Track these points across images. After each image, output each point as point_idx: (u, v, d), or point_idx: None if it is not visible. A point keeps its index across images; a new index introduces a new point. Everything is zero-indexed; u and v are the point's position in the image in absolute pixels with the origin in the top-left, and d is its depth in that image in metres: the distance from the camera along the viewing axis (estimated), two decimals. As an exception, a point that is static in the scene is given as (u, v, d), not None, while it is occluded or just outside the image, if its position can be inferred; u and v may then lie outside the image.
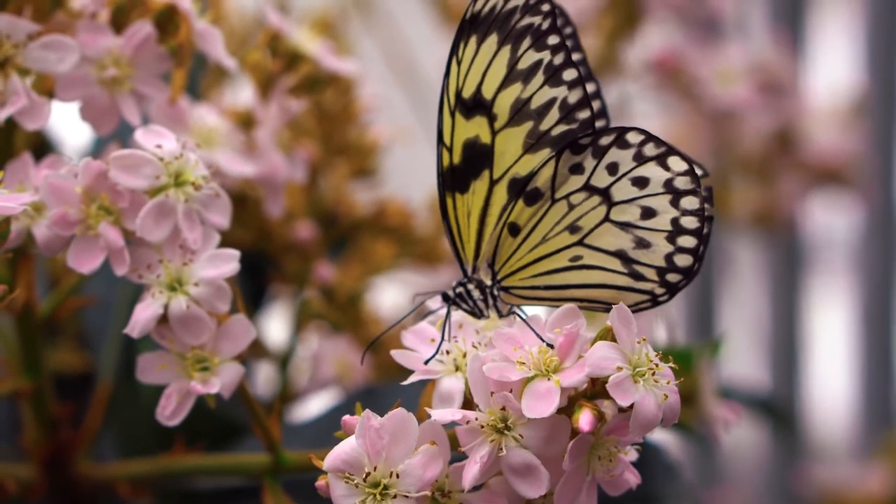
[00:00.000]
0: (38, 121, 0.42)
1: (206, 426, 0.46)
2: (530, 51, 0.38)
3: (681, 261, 0.39)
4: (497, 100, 0.39)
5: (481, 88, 0.39)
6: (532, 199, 0.39)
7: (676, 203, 0.38)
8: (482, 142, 0.38)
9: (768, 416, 0.65)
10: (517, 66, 0.39)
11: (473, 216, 0.39)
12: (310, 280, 0.56)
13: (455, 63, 0.39)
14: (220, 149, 0.47)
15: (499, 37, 0.39)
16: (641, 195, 0.39)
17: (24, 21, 0.42)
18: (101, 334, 0.52)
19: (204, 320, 0.40)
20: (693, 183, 0.38)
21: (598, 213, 0.39)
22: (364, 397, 0.43)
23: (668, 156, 0.38)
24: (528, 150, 0.38)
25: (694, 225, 0.39)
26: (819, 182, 0.82)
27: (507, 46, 0.39)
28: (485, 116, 0.39)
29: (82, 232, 0.41)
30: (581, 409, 0.37)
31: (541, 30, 0.38)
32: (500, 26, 0.38)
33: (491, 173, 0.39)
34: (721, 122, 0.79)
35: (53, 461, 0.47)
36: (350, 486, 0.37)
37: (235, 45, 0.61)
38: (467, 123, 0.39)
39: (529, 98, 0.39)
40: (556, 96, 0.38)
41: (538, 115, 0.39)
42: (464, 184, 0.39)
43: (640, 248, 0.39)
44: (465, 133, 0.39)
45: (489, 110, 0.39)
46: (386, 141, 0.59)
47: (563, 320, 0.38)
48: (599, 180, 0.39)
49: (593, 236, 0.39)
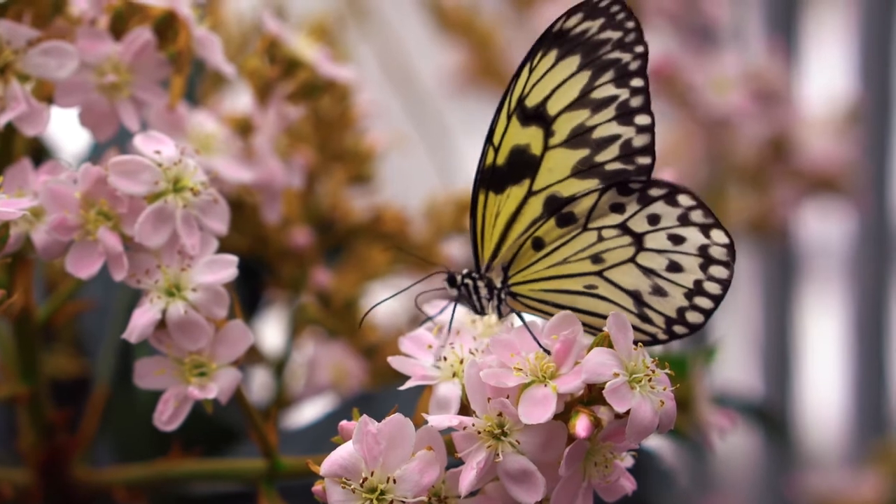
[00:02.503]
0: (38, 126, 0.42)
1: (203, 431, 0.46)
2: (610, 84, 0.38)
3: (692, 317, 0.39)
4: (559, 118, 0.39)
5: (546, 102, 0.39)
6: (565, 221, 0.39)
7: (706, 268, 0.39)
8: (531, 152, 0.38)
9: (761, 423, 0.65)
10: (591, 95, 0.39)
11: (501, 218, 0.40)
12: (306, 286, 0.56)
13: (527, 69, 0.39)
14: (219, 155, 0.47)
15: (581, 60, 0.39)
16: (674, 250, 0.39)
17: (24, 27, 0.42)
18: (99, 339, 0.52)
19: (202, 325, 0.40)
20: (728, 256, 0.39)
21: (625, 252, 0.39)
22: (360, 403, 0.43)
23: (713, 228, 0.39)
24: (575, 174, 0.38)
25: (716, 291, 0.39)
26: (813, 190, 0.82)
27: (588, 72, 0.39)
28: (542, 129, 0.39)
29: (81, 237, 0.41)
30: (577, 415, 0.37)
31: (627, 68, 0.38)
32: (587, 51, 0.38)
33: (532, 184, 0.38)
34: (716, 130, 0.79)
35: (50, 466, 0.47)
36: (347, 491, 0.37)
37: (234, 51, 0.61)
38: (522, 130, 0.39)
39: (594, 127, 0.39)
40: (622, 135, 0.39)
41: (597, 146, 0.39)
42: (501, 185, 0.39)
43: (657, 294, 0.39)
44: (517, 138, 0.39)
45: (548, 125, 0.39)
46: (383, 147, 0.59)
47: (560, 326, 0.38)
48: (637, 225, 0.39)
49: (614, 271, 0.39)
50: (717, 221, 0.39)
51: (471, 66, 0.79)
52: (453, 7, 0.79)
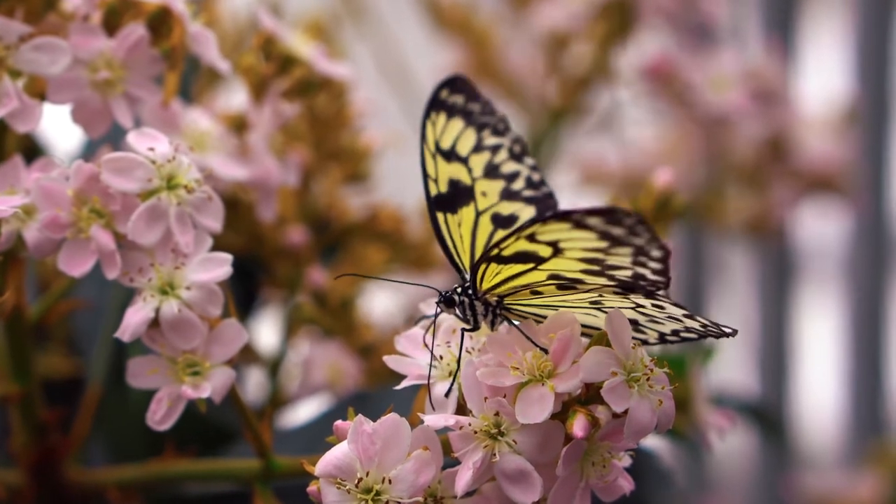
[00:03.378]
0: (30, 123, 0.42)
1: (197, 431, 0.46)
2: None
3: (685, 335, 0.40)
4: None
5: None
6: (566, 289, 0.39)
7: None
8: (540, 255, 0.39)
9: (758, 423, 0.65)
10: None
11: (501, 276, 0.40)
12: (302, 285, 0.56)
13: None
14: (213, 152, 0.47)
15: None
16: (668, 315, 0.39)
17: (16, 23, 0.42)
18: (92, 338, 0.52)
19: (195, 324, 0.40)
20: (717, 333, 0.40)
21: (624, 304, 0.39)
22: (356, 402, 0.43)
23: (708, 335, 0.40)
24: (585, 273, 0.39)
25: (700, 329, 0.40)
26: (811, 190, 0.82)
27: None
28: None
29: (73, 235, 0.40)
30: (575, 415, 0.36)
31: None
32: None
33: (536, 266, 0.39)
34: (713, 130, 0.79)
35: (42, 467, 0.47)
36: (342, 491, 0.37)
37: (229, 48, 0.61)
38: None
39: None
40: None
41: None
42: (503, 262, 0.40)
43: (652, 323, 0.39)
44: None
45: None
46: (379, 146, 0.59)
47: (557, 325, 0.38)
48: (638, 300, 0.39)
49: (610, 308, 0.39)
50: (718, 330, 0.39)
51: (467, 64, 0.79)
52: (450, 5, 0.78)
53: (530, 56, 0.75)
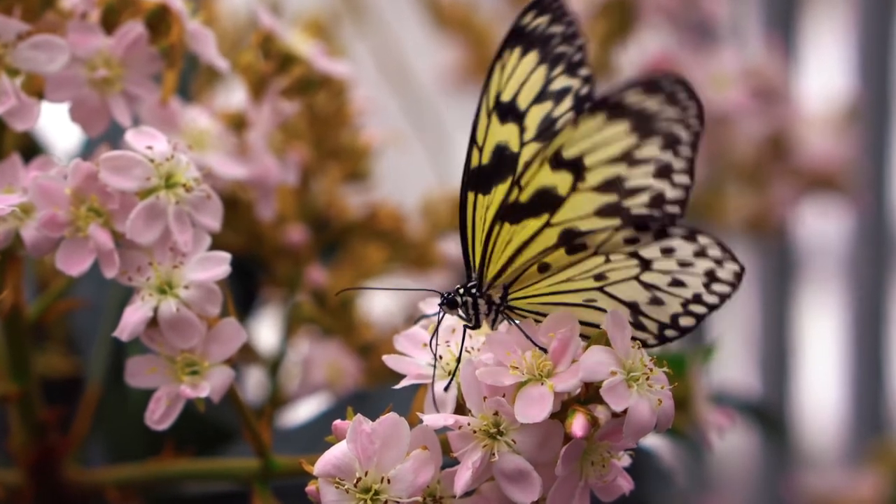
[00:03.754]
0: (28, 121, 0.42)
1: (196, 431, 0.46)
2: (656, 148, 0.38)
3: (685, 321, 0.39)
4: (595, 170, 0.38)
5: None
6: (575, 249, 0.39)
7: (709, 285, 0.39)
8: (557, 193, 0.38)
9: (759, 422, 0.65)
10: (633, 154, 0.38)
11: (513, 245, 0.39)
12: (301, 284, 0.56)
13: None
14: (212, 151, 0.47)
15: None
16: (680, 271, 0.39)
17: (14, 21, 0.42)
18: (90, 337, 0.52)
19: (194, 323, 0.40)
20: (735, 279, 0.39)
21: (630, 271, 0.39)
22: (355, 402, 0.43)
23: (727, 261, 0.39)
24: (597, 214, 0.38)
25: (713, 301, 0.39)
26: (811, 188, 0.82)
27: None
28: (572, 175, 0.38)
29: (71, 234, 0.40)
30: (574, 414, 0.36)
31: (680, 139, 0.38)
32: (639, 119, 0.38)
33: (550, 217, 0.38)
34: (714, 128, 0.79)
35: (41, 466, 0.47)
36: (341, 491, 0.36)
37: (228, 46, 0.61)
38: (551, 173, 0.38)
39: (628, 178, 0.38)
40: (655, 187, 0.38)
41: (627, 194, 0.38)
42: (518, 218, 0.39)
43: (653, 304, 0.39)
44: (544, 180, 0.39)
45: (581, 172, 0.38)
46: (378, 144, 0.58)
47: (557, 325, 0.38)
48: (648, 253, 0.39)
49: (615, 287, 0.39)
50: (733, 256, 0.39)
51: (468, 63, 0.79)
52: (450, 4, 0.78)
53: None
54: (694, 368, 0.49)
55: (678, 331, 0.39)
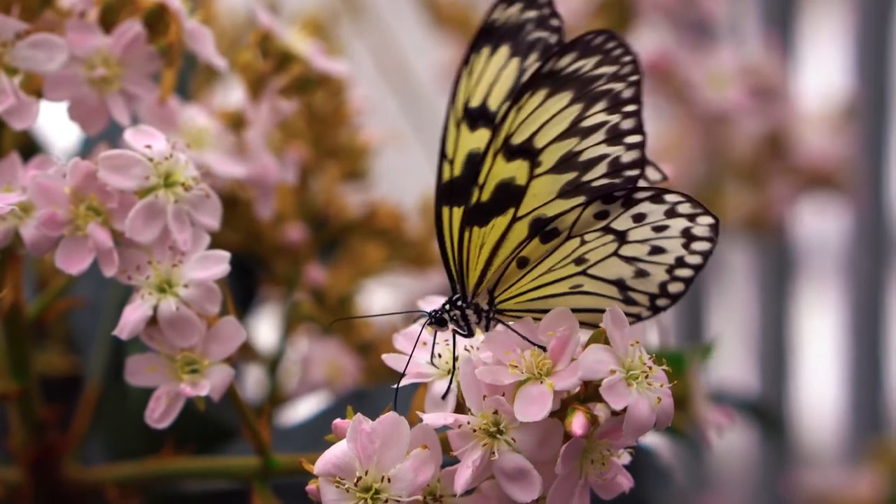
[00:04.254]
0: (26, 120, 0.42)
1: (195, 429, 0.46)
2: (601, 113, 0.37)
3: (673, 288, 0.39)
4: (547, 149, 0.38)
5: (534, 137, 0.38)
6: (548, 237, 0.39)
7: (688, 245, 0.39)
8: (517, 183, 0.38)
9: (757, 420, 0.65)
10: (581, 124, 0.37)
11: (486, 248, 0.39)
12: (300, 282, 0.56)
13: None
14: (211, 149, 0.47)
15: (574, 94, 0.37)
16: (657, 237, 0.39)
17: (12, 19, 0.42)
18: (90, 336, 0.52)
19: (194, 322, 0.40)
20: (711, 232, 0.39)
21: (607, 248, 0.39)
22: (354, 400, 0.43)
23: (699, 215, 0.38)
24: (561, 195, 0.38)
25: (696, 262, 0.39)
26: (810, 186, 0.82)
27: (580, 105, 0.37)
28: (527, 161, 0.38)
29: (71, 233, 0.40)
30: (574, 413, 0.36)
31: (621, 96, 0.37)
32: (580, 86, 0.37)
33: (516, 211, 0.38)
34: (712, 126, 0.79)
35: (40, 464, 0.47)
36: (341, 490, 0.36)
37: (226, 45, 0.61)
38: (506, 165, 0.38)
39: (582, 151, 0.38)
40: (610, 154, 0.38)
41: (584, 168, 0.38)
42: (485, 219, 0.39)
43: (639, 277, 0.39)
44: (502, 173, 0.38)
45: (535, 156, 0.38)
46: (377, 143, 0.58)
47: (556, 323, 0.38)
48: (621, 225, 0.39)
49: (597, 267, 0.39)
50: (705, 209, 0.38)
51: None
52: (448, 3, 0.78)
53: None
54: (693, 367, 0.49)
55: (669, 298, 0.39)
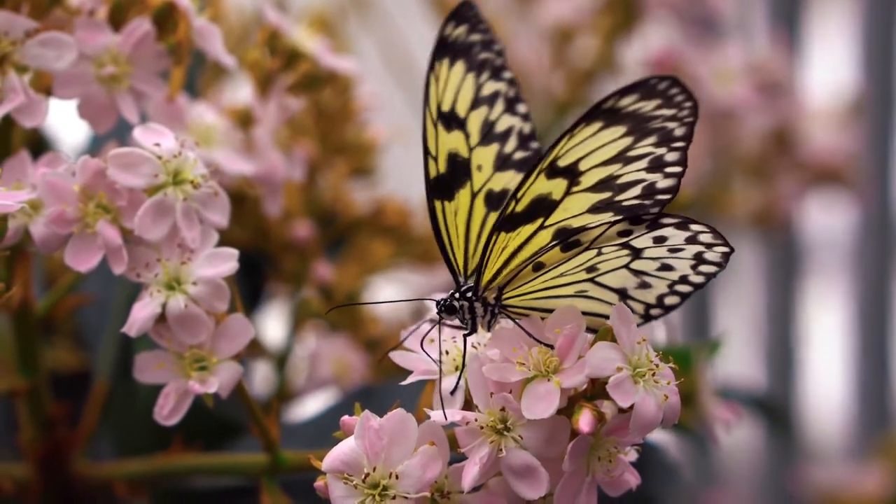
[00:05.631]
0: (36, 118, 0.42)
1: (204, 426, 0.46)
2: (650, 146, 0.38)
3: (669, 301, 0.40)
4: (589, 172, 0.39)
5: (580, 161, 0.39)
6: (570, 247, 0.39)
7: (696, 266, 0.39)
8: (552, 198, 0.39)
9: (764, 416, 0.65)
10: (628, 153, 0.39)
11: (508, 250, 0.40)
12: (308, 279, 0.56)
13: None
14: (219, 147, 0.47)
15: (628, 129, 0.38)
16: (670, 256, 0.39)
17: (22, 18, 0.42)
18: (99, 333, 0.52)
19: (202, 319, 0.40)
20: (723, 259, 0.39)
21: (620, 261, 0.39)
22: (362, 397, 0.43)
23: (717, 246, 0.39)
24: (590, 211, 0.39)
25: (699, 281, 0.40)
26: (816, 182, 0.82)
27: (631, 138, 0.39)
28: (567, 180, 0.39)
29: (80, 230, 0.40)
30: (581, 410, 0.36)
31: (673, 134, 0.38)
32: (636, 122, 0.38)
33: (544, 221, 0.39)
34: (719, 122, 0.79)
35: (49, 460, 0.47)
36: (349, 486, 0.37)
37: (234, 42, 0.61)
38: (547, 182, 0.39)
39: (621, 175, 0.39)
40: (647, 180, 0.39)
41: (620, 189, 0.39)
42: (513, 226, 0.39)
43: (641, 288, 0.40)
44: (540, 189, 0.39)
45: (575, 177, 0.39)
46: (384, 140, 0.58)
47: (563, 321, 0.38)
48: (640, 243, 0.39)
49: (605, 276, 0.39)
50: (724, 241, 0.39)
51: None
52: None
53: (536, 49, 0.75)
54: (700, 363, 0.49)
55: (663, 309, 0.40)
